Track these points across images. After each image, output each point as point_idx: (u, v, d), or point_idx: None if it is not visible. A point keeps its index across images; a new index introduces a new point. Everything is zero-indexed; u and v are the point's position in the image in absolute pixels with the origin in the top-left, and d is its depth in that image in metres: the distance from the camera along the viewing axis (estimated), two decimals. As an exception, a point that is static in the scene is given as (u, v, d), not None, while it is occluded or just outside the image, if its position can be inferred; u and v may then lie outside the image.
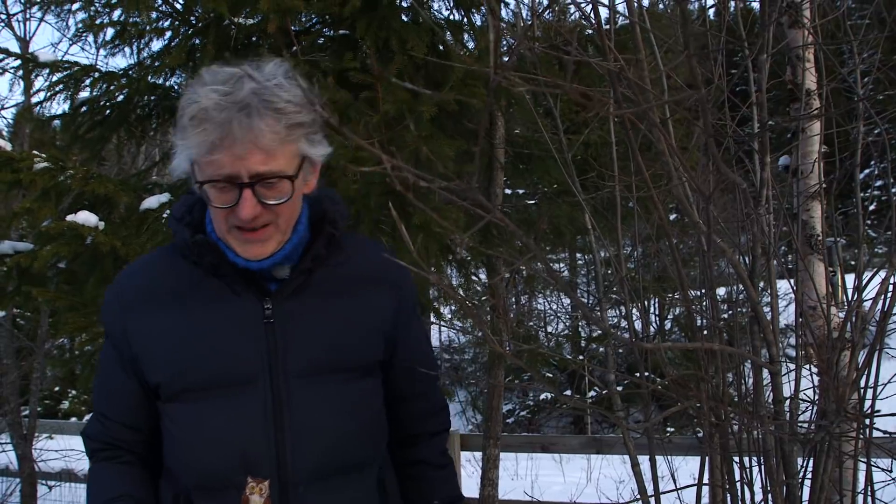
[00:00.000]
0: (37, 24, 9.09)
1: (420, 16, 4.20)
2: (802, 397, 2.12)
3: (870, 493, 2.22)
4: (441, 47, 4.37)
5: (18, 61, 4.81)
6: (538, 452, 5.89)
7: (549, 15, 6.29)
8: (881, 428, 2.01)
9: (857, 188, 2.44)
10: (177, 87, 4.66)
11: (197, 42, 4.48)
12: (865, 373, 2.02)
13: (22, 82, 7.53)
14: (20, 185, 4.33)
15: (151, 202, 4.19)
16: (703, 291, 2.40)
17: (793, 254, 2.56)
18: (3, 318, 7.66)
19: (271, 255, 1.49)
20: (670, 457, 3.34)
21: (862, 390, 2.06)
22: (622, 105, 1.72)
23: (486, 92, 3.81)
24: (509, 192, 7.44)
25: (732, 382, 2.44)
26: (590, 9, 1.68)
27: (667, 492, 2.31)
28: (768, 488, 2.03)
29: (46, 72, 4.58)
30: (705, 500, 2.49)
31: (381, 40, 4.01)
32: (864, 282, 2.03)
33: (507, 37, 4.67)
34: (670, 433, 7.21)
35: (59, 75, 4.56)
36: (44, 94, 4.69)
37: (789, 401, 2.07)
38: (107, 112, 4.72)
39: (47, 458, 7.70)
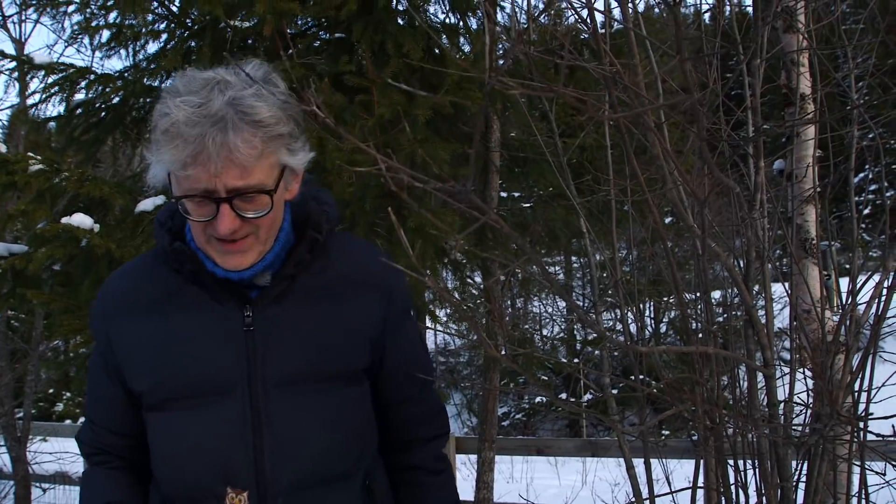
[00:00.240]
0: (32, 25, 9.13)
1: (416, 19, 4.20)
2: (797, 401, 2.12)
3: (864, 496, 2.22)
4: (437, 51, 4.37)
5: (14, 63, 4.80)
6: (533, 455, 5.88)
7: (545, 19, 6.30)
8: (875, 431, 2.02)
9: (851, 192, 2.45)
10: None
11: (193, 45, 4.49)
12: (859, 376, 2.02)
13: (17, 84, 7.54)
14: (15, 187, 4.32)
15: (146, 204, 4.19)
16: (698, 295, 2.41)
17: (787, 257, 2.56)
18: (-2, 321, 7.65)
19: (251, 266, 1.45)
20: (665, 460, 3.35)
21: (856, 394, 2.06)
22: (617, 109, 1.73)
23: (481, 95, 3.81)
24: (504, 195, 7.43)
25: (727, 386, 2.44)
26: (585, 13, 1.69)
27: (661, 495, 2.31)
28: (763, 491, 2.03)
29: (42, 74, 4.58)
30: (700, 503, 2.49)
31: (376, 44, 4.01)
32: (859, 285, 2.04)
33: (502, 40, 4.68)
34: (665, 436, 7.22)
35: (54, 77, 4.55)
36: (39, 97, 4.70)
37: (783, 404, 2.07)
38: (102, 114, 4.72)
39: (41, 461, 7.68)
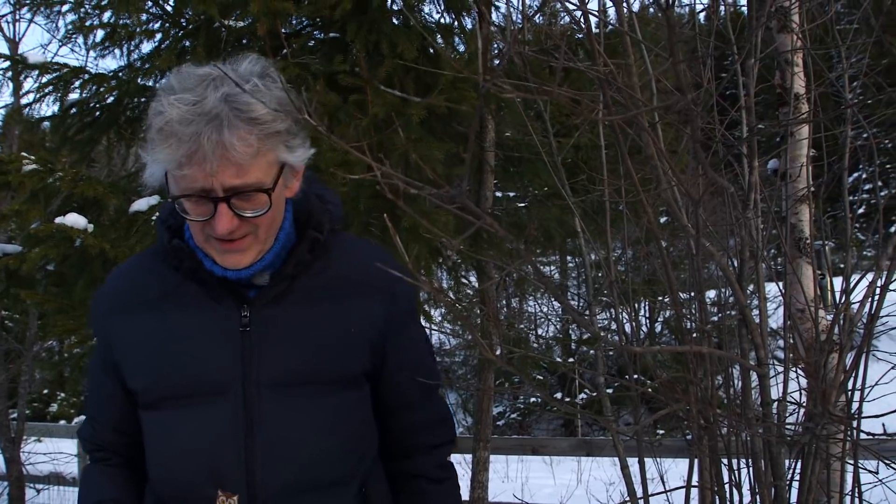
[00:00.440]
0: (26, 25, 9.08)
1: (410, 19, 4.20)
2: (790, 400, 2.13)
3: (857, 494, 2.23)
4: (431, 51, 4.37)
5: (7, 63, 4.78)
6: (528, 455, 5.89)
7: (540, 19, 6.31)
8: (868, 430, 2.03)
9: (844, 192, 2.46)
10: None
11: (187, 44, 4.47)
12: (853, 375, 2.03)
13: (11, 84, 7.50)
14: (9, 186, 4.30)
15: (141, 204, 4.17)
16: (692, 294, 2.42)
17: (781, 257, 2.57)
18: (-8, 321, 7.64)
19: (251, 265, 1.43)
20: (660, 459, 3.36)
21: (849, 392, 2.07)
22: (611, 110, 1.73)
23: (475, 95, 3.81)
24: (500, 195, 7.45)
25: (721, 385, 2.45)
26: (579, 14, 1.69)
27: (656, 494, 2.32)
28: (756, 490, 2.04)
29: (36, 73, 4.56)
30: (694, 502, 2.50)
31: (371, 43, 4.01)
32: (852, 285, 2.05)
33: (497, 41, 4.68)
34: (660, 436, 7.23)
35: (48, 77, 4.53)
36: (33, 96, 4.67)
37: (777, 403, 2.08)
38: (96, 114, 4.70)
39: (35, 462, 7.65)
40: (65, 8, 4.78)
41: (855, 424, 2.04)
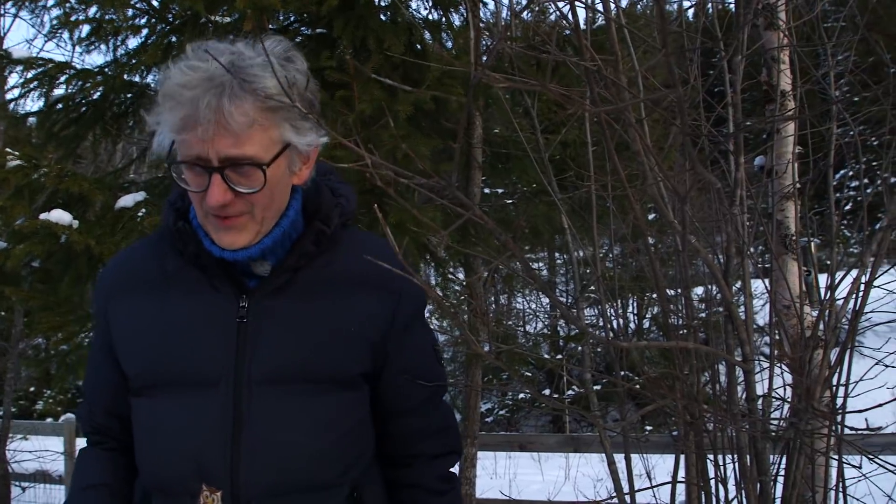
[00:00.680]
0: (11, 20, 9.03)
1: (398, 15, 4.19)
2: (775, 395, 2.14)
3: (841, 489, 2.25)
4: (419, 46, 4.37)
5: (-8, 58, 4.76)
6: (516, 451, 5.90)
7: (529, 15, 6.31)
8: (852, 426, 2.04)
9: (830, 188, 2.47)
10: (153, 85, 4.63)
11: (173, 40, 4.45)
12: (837, 371, 2.04)
13: (-4, 79, 7.46)
14: (-6, 182, 4.29)
15: (127, 200, 4.15)
16: (679, 291, 2.42)
17: (768, 253, 2.58)
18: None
19: (247, 247, 1.39)
20: (649, 455, 3.37)
21: (834, 388, 2.08)
22: (598, 104, 1.73)
23: (463, 91, 3.81)
24: (488, 191, 7.45)
25: (709, 381, 2.46)
26: (567, 8, 1.69)
27: (642, 489, 2.32)
28: (742, 485, 2.04)
29: (20, 69, 4.54)
30: (681, 497, 2.51)
31: (358, 39, 3.99)
32: (837, 281, 2.06)
33: (486, 36, 4.68)
34: (648, 432, 7.26)
35: (33, 72, 4.51)
36: (18, 91, 4.64)
37: (762, 399, 2.09)
38: (82, 110, 4.67)
39: (21, 459, 7.62)
40: (50, 3, 4.76)
41: (839, 420, 2.05)
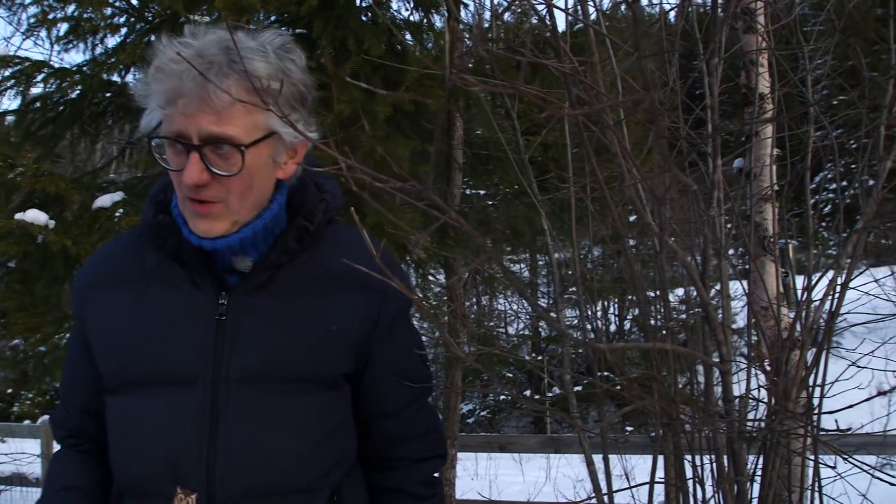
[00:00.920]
0: (-12, 18, 8.92)
1: (378, 16, 4.19)
2: (752, 396, 2.15)
3: (817, 489, 2.26)
4: (399, 48, 4.37)
5: (-33, 56, 4.71)
6: (496, 452, 5.90)
7: (510, 17, 6.32)
8: (828, 427, 2.05)
9: (807, 191, 2.49)
10: (131, 84, 4.60)
11: (152, 39, 4.43)
12: (814, 372, 2.05)
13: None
14: (-32, 182, 4.24)
15: (104, 200, 4.12)
16: (658, 292, 2.43)
17: (746, 255, 2.60)
18: (-48, 319, 7.50)
19: (223, 236, 1.36)
20: (628, 455, 3.38)
21: (810, 389, 2.09)
22: (576, 107, 1.73)
23: (442, 92, 3.81)
24: (469, 192, 7.45)
25: (688, 382, 2.47)
26: (545, 11, 1.69)
27: (620, 490, 2.33)
28: (719, 486, 2.05)
29: (-4, 67, 4.50)
30: (659, 497, 2.52)
31: (337, 40, 3.99)
32: (814, 283, 2.07)
33: (465, 38, 4.68)
34: (629, 432, 7.28)
35: (10, 70, 4.46)
36: (-6, 90, 4.60)
37: (738, 400, 2.10)
38: (60, 108, 4.63)
39: (-3, 462, 7.54)
40: (27, 0, 4.71)
41: (815, 420, 2.06)
